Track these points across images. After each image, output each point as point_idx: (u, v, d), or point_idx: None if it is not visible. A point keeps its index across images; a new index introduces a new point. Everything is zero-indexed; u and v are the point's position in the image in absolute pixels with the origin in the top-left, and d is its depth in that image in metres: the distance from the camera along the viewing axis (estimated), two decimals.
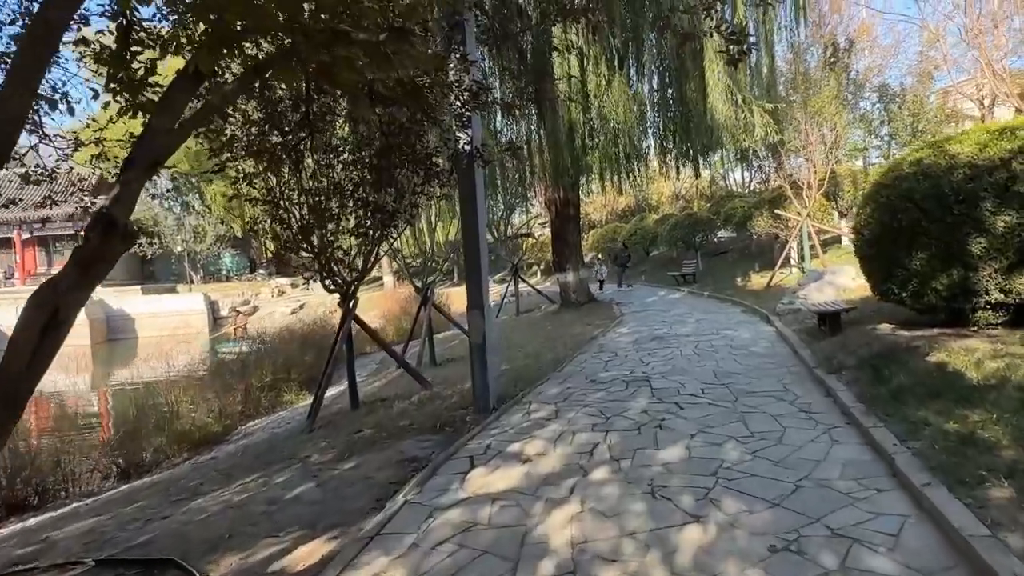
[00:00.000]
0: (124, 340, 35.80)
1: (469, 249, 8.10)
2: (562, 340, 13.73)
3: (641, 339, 12.32)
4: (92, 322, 33.41)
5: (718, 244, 31.65)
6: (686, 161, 15.92)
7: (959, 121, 27.89)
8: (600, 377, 8.96)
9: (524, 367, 10.89)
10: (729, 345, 10.58)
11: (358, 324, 10.91)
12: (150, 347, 32.87)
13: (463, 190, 8.08)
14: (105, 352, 32.02)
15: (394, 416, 8.76)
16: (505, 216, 25.34)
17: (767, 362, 8.86)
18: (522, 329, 18.04)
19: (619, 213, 43.89)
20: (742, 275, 22.28)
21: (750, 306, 15.41)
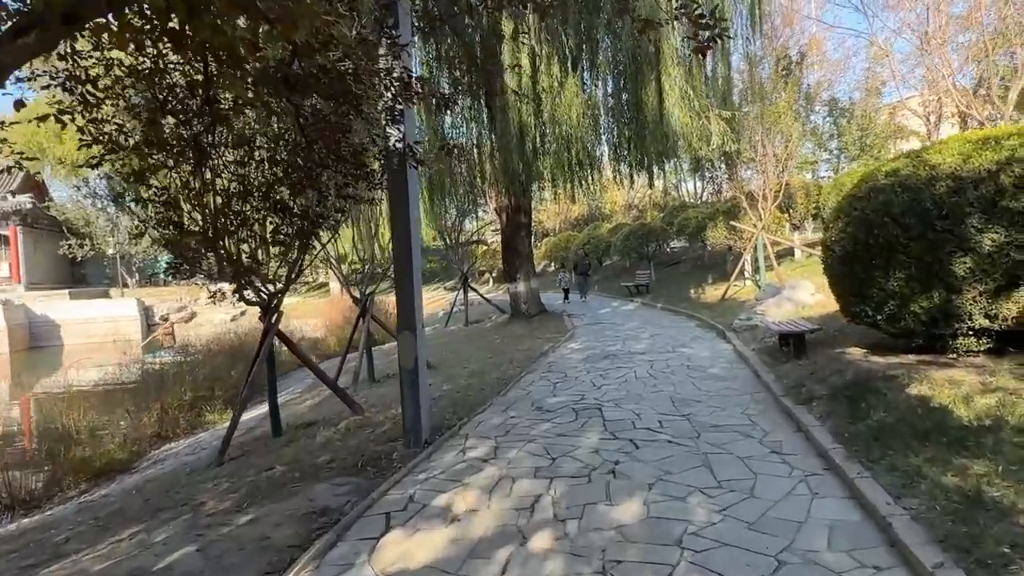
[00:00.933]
0: (48, 348, 33.38)
1: (400, 260, 7.09)
2: (510, 356, 12.81)
3: (593, 356, 11.47)
4: (11, 328, 31.03)
5: (671, 255, 31.29)
6: (641, 169, 15.23)
7: (905, 137, 28.18)
8: (547, 404, 8.04)
9: (466, 388, 9.92)
10: (686, 365, 9.81)
11: (281, 341, 9.78)
12: (76, 355, 30.72)
13: (394, 193, 7.07)
14: (24, 361, 29.73)
15: (315, 448, 7.68)
16: (457, 222, 24.39)
17: (728, 387, 8.08)
18: (470, 342, 17.05)
19: (572, 222, 43.33)
20: (696, 287, 21.77)
21: (705, 320, 14.77)
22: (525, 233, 18.60)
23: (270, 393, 9.56)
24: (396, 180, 7.00)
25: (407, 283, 7.03)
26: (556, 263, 38.25)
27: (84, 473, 9.95)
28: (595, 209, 42.26)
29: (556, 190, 17.22)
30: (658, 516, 4.40)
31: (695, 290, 21.14)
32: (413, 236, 7.01)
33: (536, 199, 18.98)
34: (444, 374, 12.15)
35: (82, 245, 38.06)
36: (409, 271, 7.01)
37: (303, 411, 11.98)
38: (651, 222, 27.41)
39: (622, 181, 18.55)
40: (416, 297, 7.06)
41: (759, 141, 15.71)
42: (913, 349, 6.87)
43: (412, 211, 6.99)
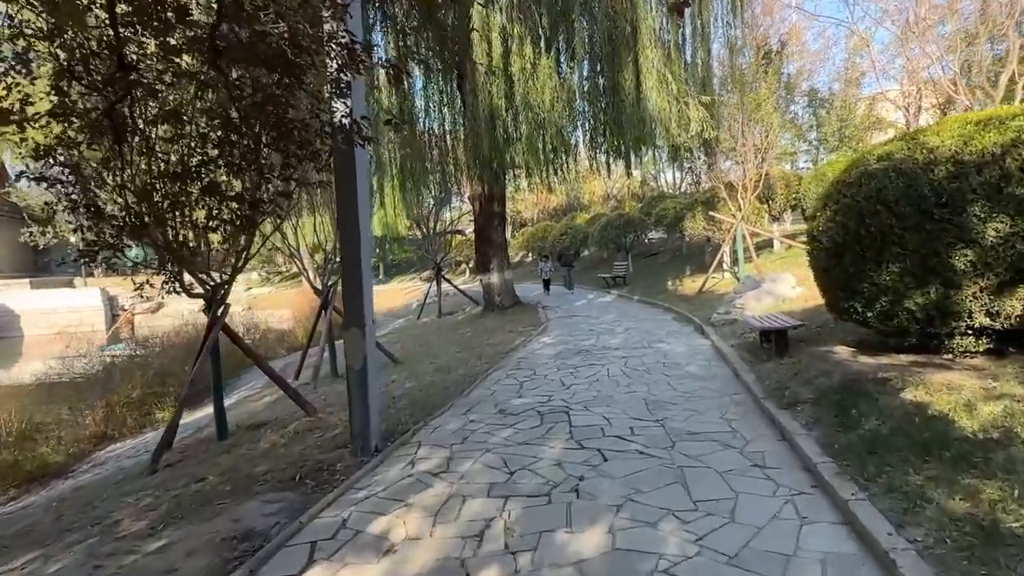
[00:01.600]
0: (7, 339, 32.08)
1: (347, 248, 6.37)
2: (479, 351, 12.15)
3: (565, 352, 10.84)
4: None
5: (649, 245, 30.81)
6: (618, 157, 14.59)
7: (883, 129, 27.87)
8: (512, 406, 7.39)
9: (429, 386, 9.25)
10: (662, 363, 9.22)
11: (228, 336, 9.04)
12: (37, 346, 29.53)
13: (340, 173, 6.34)
14: None
15: (256, 455, 6.97)
16: (434, 212, 23.61)
17: (706, 388, 7.49)
18: (440, 334, 16.36)
19: (550, 212, 42.67)
20: (673, 278, 21.25)
21: (683, 314, 14.21)
22: (499, 222, 17.91)
23: (215, 393, 8.83)
24: (342, 159, 6.27)
25: (354, 273, 6.32)
26: (534, 253, 37.61)
27: (12, 479, 9.15)
28: (573, 199, 41.63)
29: (531, 178, 16.54)
30: (625, 547, 3.77)
31: (673, 282, 20.62)
32: (362, 221, 6.30)
33: (512, 188, 18.31)
34: (409, 370, 11.48)
35: (44, 232, 36.60)
36: (357, 260, 6.30)
37: (258, 409, 11.24)
38: (629, 212, 26.83)
39: (598, 169, 17.93)
40: (365, 289, 6.36)
41: (739, 129, 15.14)
42: (906, 348, 6.31)
43: (360, 193, 6.27)
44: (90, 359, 14.95)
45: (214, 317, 8.72)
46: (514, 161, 14.83)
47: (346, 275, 6.40)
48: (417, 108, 16.66)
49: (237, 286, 11.50)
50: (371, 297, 6.50)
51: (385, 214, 31.95)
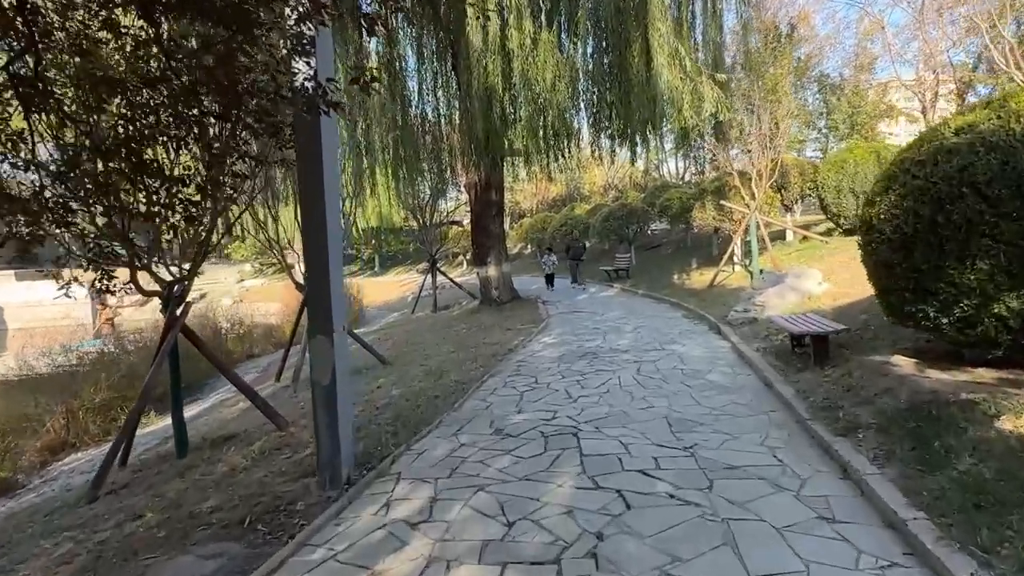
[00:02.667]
0: None
1: (312, 243, 5.24)
2: (474, 351, 11.06)
3: (569, 355, 9.74)
4: None
5: (651, 237, 29.66)
6: (624, 141, 13.42)
7: (895, 117, 26.73)
8: (510, 424, 6.29)
9: (417, 395, 8.15)
10: (679, 369, 8.12)
11: (188, 339, 7.94)
12: (20, 341, 28.38)
13: (303, 151, 5.20)
14: None
15: (209, 483, 5.87)
16: (431, 202, 22.46)
17: (736, 403, 6.38)
18: (434, 331, 15.25)
19: (550, 202, 41.49)
20: (679, 271, 20.14)
21: (694, 310, 13.11)
22: (496, 212, 16.75)
23: (173, 403, 7.74)
24: (305, 134, 5.13)
25: (320, 271, 5.20)
26: (533, 245, 36.47)
27: None
28: (573, 190, 40.46)
29: (530, 165, 15.38)
30: None
31: (679, 275, 19.51)
32: (329, 210, 5.17)
33: (510, 176, 17.12)
34: (398, 372, 10.38)
35: None
36: (323, 255, 5.17)
37: (229, 417, 10.14)
38: (632, 203, 25.68)
39: (601, 156, 16.73)
40: (334, 290, 5.23)
41: (755, 112, 13.99)
42: (987, 362, 5.21)
43: (327, 175, 5.14)
44: (53, 358, 13.79)
45: (172, 317, 7.63)
46: (512, 145, 13.67)
47: (311, 273, 5.27)
48: (410, 91, 15.48)
49: (228, 277, 10.59)
50: (341, 299, 5.37)
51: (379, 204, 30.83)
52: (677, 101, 11.71)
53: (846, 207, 14.55)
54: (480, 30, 11.56)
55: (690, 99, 12.15)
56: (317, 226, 5.17)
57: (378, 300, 32.83)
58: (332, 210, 5.23)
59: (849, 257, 12.77)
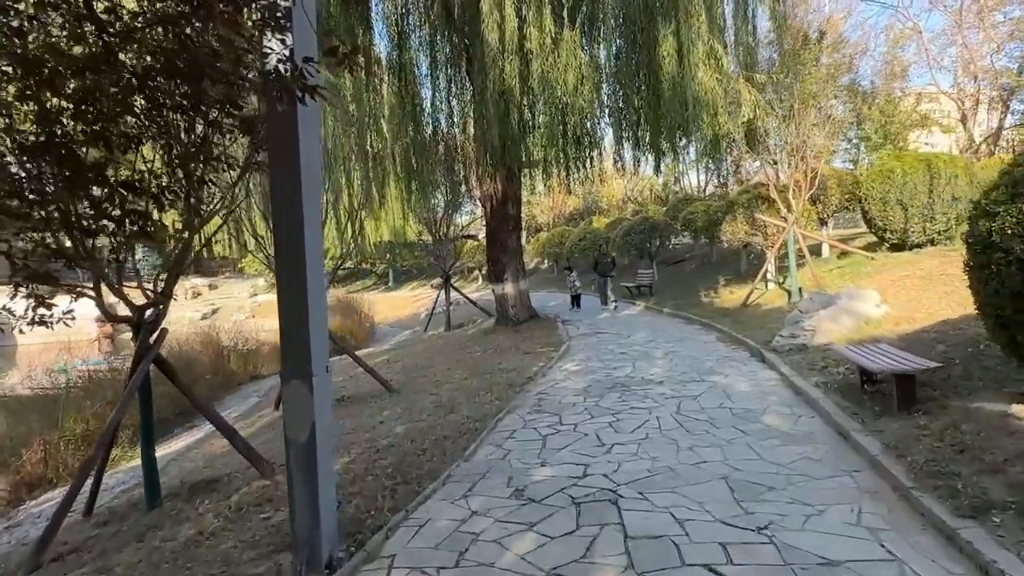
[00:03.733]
0: None
1: (285, 261, 4.17)
2: (489, 378, 9.97)
3: (596, 386, 8.60)
4: None
5: (673, 252, 28.44)
6: (650, 150, 12.33)
7: (928, 127, 25.43)
8: (532, 483, 5.15)
9: (424, 434, 7.07)
10: (727, 408, 6.94)
11: (162, 371, 6.93)
12: (29, 356, 27.74)
13: (277, 149, 4.15)
14: None
15: (166, 556, 4.81)
16: (447, 215, 21.52)
17: (809, 458, 5.20)
18: (446, 353, 14.18)
19: (567, 216, 40.40)
20: (706, 289, 18.93)
21: (729, 333, 11.91)
22: (513, 226, 15.69)
23: (143, 445, 6.70)
24: (278, 125, 4.08)
25: (296, 295, 4.11)
26: (550, 260, 35.38)
27: None
28: (591, 203, 39.38)
29: (549, 176, 14.34)
30: None
31: (706, 293, 18.30)
32: (308, 219, 4.09)
33: (527, 189, 16.09)
34: (405, 403, 9.31)
35: None
36: (299, 278, 4.09)
37: (218, 453, 9.09)
38: (654, 216, 24.52)
39: (624, 167, 15.61)
40: (314, 321, 4.14)
41: (793, 116, 12.83)
42: None
43: (306, 176, 4.07)
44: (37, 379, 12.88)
45: (143, 346, 6.62)
46: (531, 154, 12.63)
47: (284, 298, 4.18)
48: (422, 98, 14.51)
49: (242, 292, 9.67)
50: (324, 332, 4.29)
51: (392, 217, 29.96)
52: (712, 104, 10.62)
53: (893, 220, 13.31)
54: (496, 28, 10.55)
55: (725, 103, 11.05)
56: (292, 239, 4.10)
57: (391, 316, 31.90)
58: (311, 221, 4.16)
59: (901, 275, 11.54)
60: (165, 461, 9.30)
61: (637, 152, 13.22)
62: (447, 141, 15.51)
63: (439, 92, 14.40)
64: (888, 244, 13.79)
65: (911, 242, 13.30)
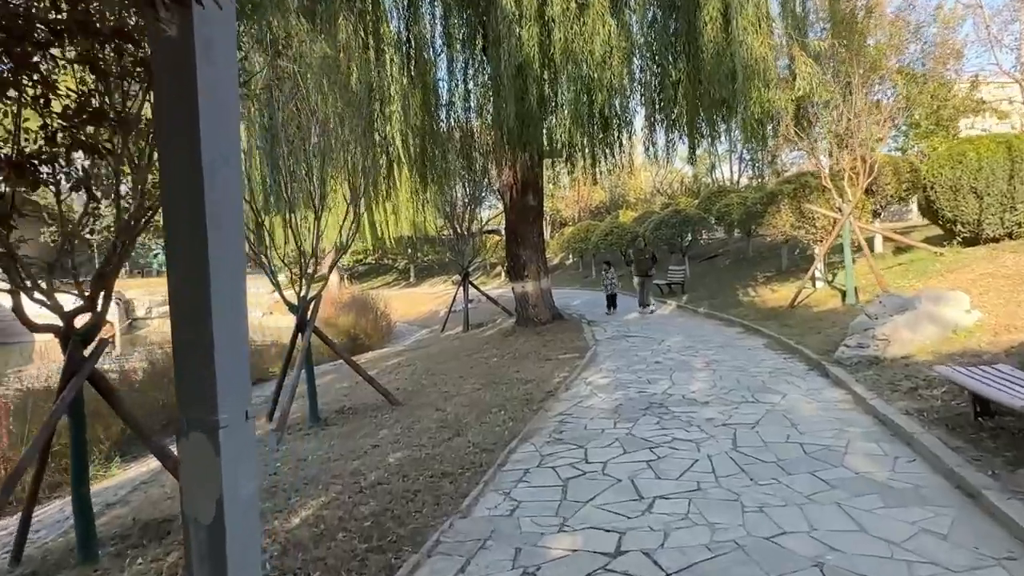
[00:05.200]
0: (17, 344, 29.73)
1: (177, 243, 2.78)
2: (503, 393, 8.59)
3: (628, 407, 7.16)
4: None
5: (704, 247, 26.75)
6: (689, 131, 10.80)
7: (982, 112, 23.38)
8: (547, 562, 3.74)
9: (420, 468, 5.73)
10: (797, 443, 5.45)
11: (98, 391, 5.66)
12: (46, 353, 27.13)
13: (163, 77, 2.78)
14: None
15: None
16: (468, 209, 20.16)
17: (929, 531, 3.71)
18: (460, 357, 12.83)
19: (592, 210, 38.77)
20: (744, 287, 17.32)
21: (779, 339, 10.37)
22: (534, 218, 14.28)
23: (73, 481, 5.44)
24: (165, 51, 2.72)
25: (194, 305, 2.73)
26: (575, 255, 33.86)
27: None
28: (618, 196, 37.72)
29: (573, 163, 12.89)
30: None
31: (744, 291, 16.69)
32: (215, 196, 2.71)
33: (550, 185, 14.67)
34: (405, 421, 7.99)
35: None
36: (200, 275, 2.69)
37: None
38: (686, 209, 22.89)
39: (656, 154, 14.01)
40: (223, 340, 2.76)
41: (856, 89, 11.18)
42: None
43: (211, 132, 2.67)
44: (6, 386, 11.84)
45: (74, 361, 5.37)
46: (552, 137, 11.18)
47: (177, 315, 2.80)
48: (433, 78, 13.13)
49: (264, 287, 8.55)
50: (242, 361, 2.91)
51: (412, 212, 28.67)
52: (763, 74, 9.06)
53: (966, 211, 11.60)
54: None
55: (777, 76, 9.49)
56: (187, 226, 2.72)
57: (411, 313, 30.68)
58: (223, 201, 2.77)
59: (981, 274, 9.89)
60: (133, 485, 8.10)
61: (672, 134, 11.71)
62: (463, 127, 14.15)
63: (455, 73, 13.02)
64: (959, 238, 12.08)
65: (986, 235, 11.58)
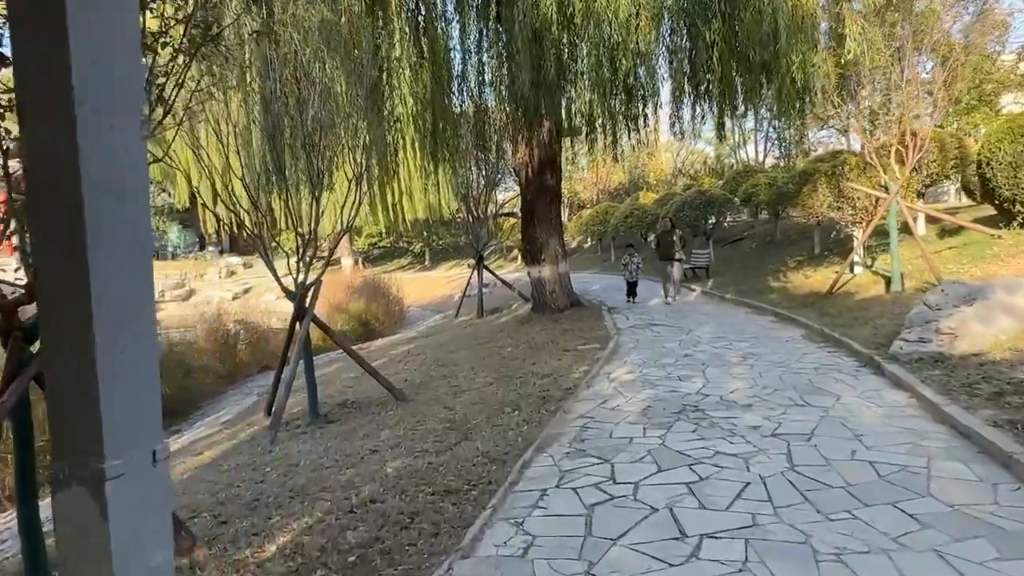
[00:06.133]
0: None
1: (45, 233, 1.94)
2: (518, 389, 7.76)
3: (659, 409, 6.29)
4: None
5: (728, 230, 25.60)
6: (722, 101, 9.78)
7: None
8: None
9: (419, 480, 4.94)
10: (868, 461, 4.52)
11: None
12: None
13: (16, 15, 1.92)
14: None
15: None
16: (484, 191, 19.23)
17: None
18: (473, 347, 12.00)
19: (611, 192, 37.59)
20: (773, 272, 16.28)
21: (819, 329, 9.41)
22: (552, 199, 13.36)
23: (19, 501, 4.66)
24: None
25: (69, 316, 1.89)
26: (593, 238, 32.82)
27: None
28: (638, 178, 36.49)
29: (594, 138, 11.91)
30: None
31: (774, 277, 15.65)
32: (94, 171, 1.87)
33: (569, 166, 13.68)
34: (410, 420, 7.21)
35: None
36: (77, 277, 1.86)
37: None
38: (711, 190, 21.77)
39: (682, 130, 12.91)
40: (114, 359, 1.92)
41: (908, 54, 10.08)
42: None
43: (84, 83, 1.83)
44: None
45: (14, 360, 4.57)
46: (570, 109, 10.22)
47: (47, 328, 1.97)
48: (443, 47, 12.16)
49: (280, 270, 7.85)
50: (152, 387, 2.09)
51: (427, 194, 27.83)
52: (808, 33, 8.02)
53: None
54: None
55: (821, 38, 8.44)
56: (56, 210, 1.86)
57: (425, 297, 29.96)
58: (122, 150, 1.91)
59: None
60: None
61: (701, 106, 10.67)
62: (477, 102, 13.19)
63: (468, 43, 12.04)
64: (1020, 219, 10.95)
65: None
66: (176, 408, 11.98)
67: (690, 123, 12.25)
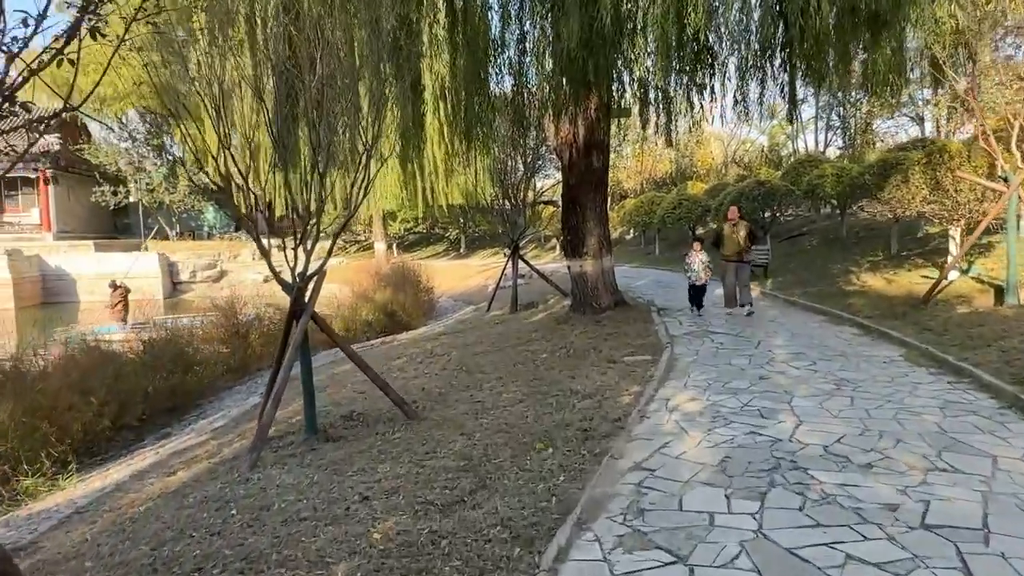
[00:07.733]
0: (63, 304, 29.05)
1: None
2: (551, 415, 6.18)
3: (742, 462, 4.61)
4: (19, 282, 26.69)
5: (785, 225, 23.45)
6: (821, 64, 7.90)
7: None
8: None
9: (410, 561, 3.38)
10: None
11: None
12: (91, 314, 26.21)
13: None
14: (29, 318, 25.23)
15: None
16: (525, 179, 17.62)
17: None
18: (504, 350, 10.41)
19: (657, 181, 35.44)
20: (844, 272, 14.30)
21: (923, 348, 7.57)
22: (597, 183, 11.66)
23: None
24: None
25: None
26: (636, 230, 30.87)
27: None
28: (685, 167, 34.29)
29: (646, 116, 10.18)
30: None
31: (846, 280, 13.68)
32: None
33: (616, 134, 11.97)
34: (418, 448, 5.69)
35: (115, 192, 33.44)
36: None
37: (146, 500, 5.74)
38: (771, 181, 19.69)
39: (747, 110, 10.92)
40: None
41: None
42: None
43: None
44: None
45: None
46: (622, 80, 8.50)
47: None
48: None
49: None
50: None
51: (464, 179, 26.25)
52: None
53: None
54: None
55: None
56: None
57: (458, 287, 28.49)
58: None
59: None
60: (62, 515, 6.08)
61: (783, 75, 8.82)
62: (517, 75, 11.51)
63: None
64: None
65: None
66: (175, 405, 10.74)
67: (757, 102, 10.40)
